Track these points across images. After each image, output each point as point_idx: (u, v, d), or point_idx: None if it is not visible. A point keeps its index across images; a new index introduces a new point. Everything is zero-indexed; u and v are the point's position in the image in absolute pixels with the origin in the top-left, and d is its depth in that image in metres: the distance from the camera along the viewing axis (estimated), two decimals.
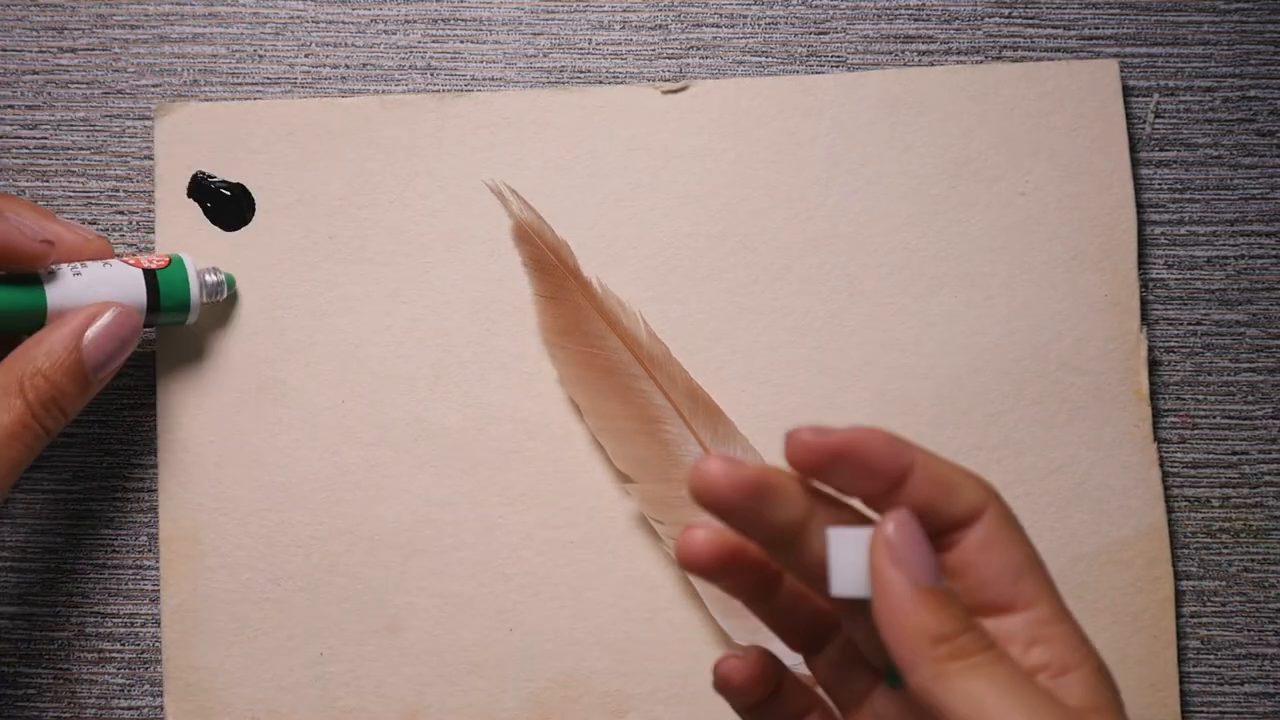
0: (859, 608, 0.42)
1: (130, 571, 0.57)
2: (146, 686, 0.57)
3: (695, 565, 0.46)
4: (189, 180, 0.57)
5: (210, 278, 0.55)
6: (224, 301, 0.57)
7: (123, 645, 0.57)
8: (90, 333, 0.51)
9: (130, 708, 0.57)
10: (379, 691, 0.55)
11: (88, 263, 0.53)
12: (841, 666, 0.48)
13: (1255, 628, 0.57)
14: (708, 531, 0.45)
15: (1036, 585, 0.42)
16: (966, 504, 0.42)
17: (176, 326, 0.56)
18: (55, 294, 0.51)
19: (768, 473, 0.42)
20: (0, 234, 0.50)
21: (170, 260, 0.54)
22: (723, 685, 0.46)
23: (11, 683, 0.57)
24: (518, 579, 0.56)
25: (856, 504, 0.43)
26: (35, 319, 0.51)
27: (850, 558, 0.41)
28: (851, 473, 0.42)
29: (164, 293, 0.54)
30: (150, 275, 0.53)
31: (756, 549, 0.45)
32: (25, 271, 0.52)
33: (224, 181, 0.57)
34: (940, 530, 0.42)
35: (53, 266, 0.52)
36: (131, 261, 0.53)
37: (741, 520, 0.43)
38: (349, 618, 0.56)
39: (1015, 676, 0.40)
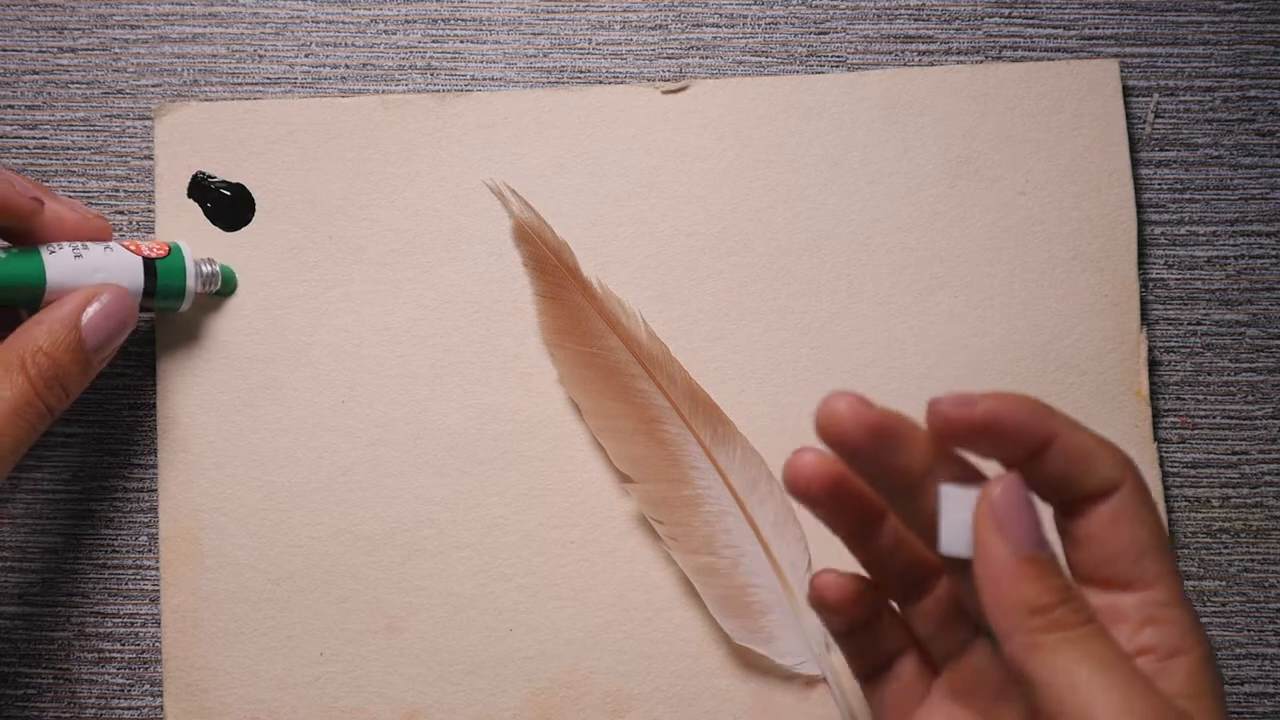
0: (966, 567, 0.42)
1: (130, 571, 0.57)
2: (146, 686, 0.57)
3: (801, 488, 0.46)
4: (189, 181, 0.57)
5: (206, 268, 0.56)
6: (226, 297, 0.57)
7: (123, 645, 0.57)
8: (88, 313, 0.51)
9: (130, 708, 0.57)
10: (379, 691, 0.55)
11: (90, 245, 0.52)
12: (941, 619, 0.48)
13: (1255, 628, 0.56)
14: (816, 455, 0.45)
15: (1158, 567, 0.42)
16: (1103, 478, 0.42)
17: (174, 318, 0.56)
18: (55, 272, 0.51)
19: (894, 418, 0.42)
20: None
21: (170, 249, 0.54)
22: (818, 600, 0.47)
23: (11, 683, 0.57)
24: (517, 579, 0.56)
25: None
26: (34, 294, 0.51)
27: (959, 517, 0.42)
28: (991, 443, 0.42)
29: (161, 281, 0.54)
30: (149, 264, 0.53)
31: (863, 484, 0.46)
32: (15, 228, 0.52)
33: (224, 182, 0.57)
34: (1073, 501, 0.43)
35: (55, 247, 0.52)
36: (131, 247, 0.53)
37: (862, 462, 0.43)
38: (349, 618, 0.56)
39: (1111, 653, 0.40)
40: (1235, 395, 0.57)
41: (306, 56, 0.59)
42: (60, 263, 0.51)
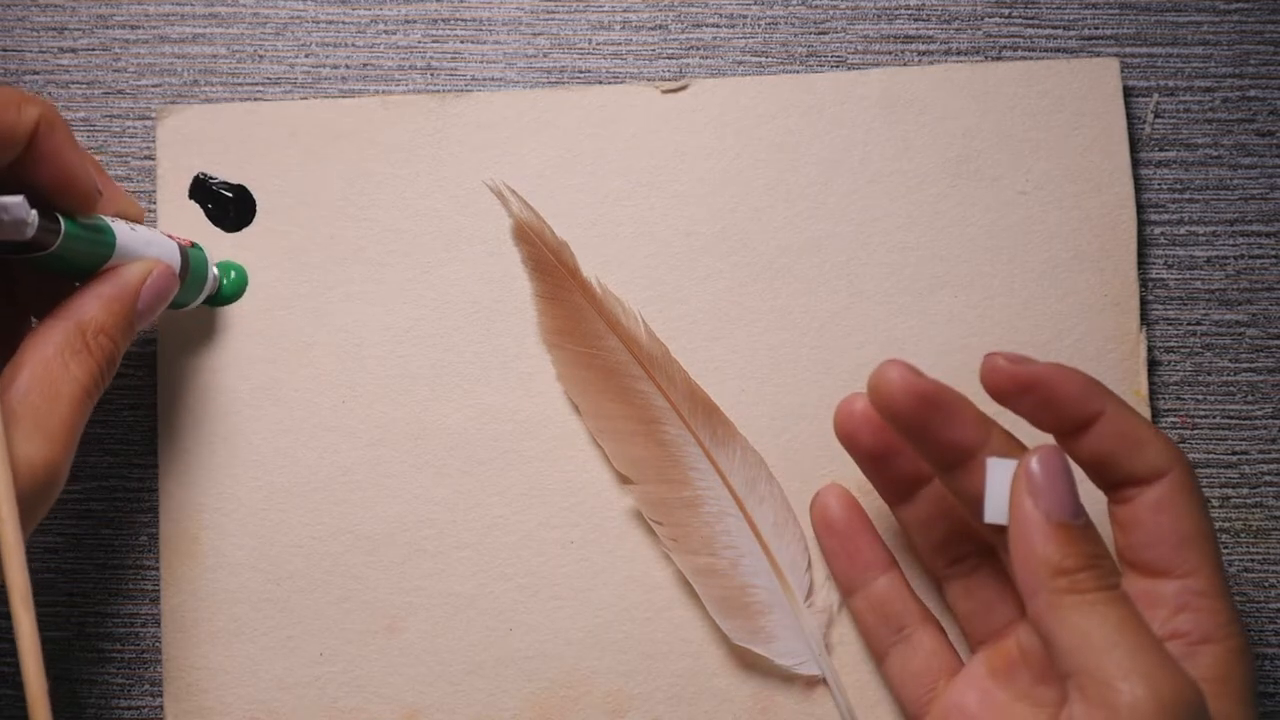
0: (1007, 535, 0.44)
1: (130, 571, 0.57)
2: (146, 686, 0.57)
3: (849, 432, 0.50)
4: (190, 182, 0.57)
5: (214, 270, 0.55)
6: (233, 301, 0.57)
7: (123, 645, 0.57)
8: (144, 288, 0.49)
9: (130, 708, 0.57)
10: (379, 692, 0.55)
11: (135, 226, 0.51)
12: (982, 597, 0.49)
13: (1255, 628, 0.56)
14: (867, 402, 0.47)
15: (1200, 557, 0.44)
16: (1149, 464, 0.44)
17: (176, 319, 0.56)
18: (122, 239, 0.49)
19: (944, 390, 0.44)
20: (76, 164, 0.47)
21: (193, 243, 0.54)
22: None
23: (11, 683, 0.57)
24: (517, 579, 0.56)
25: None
26: (99, 260, 0.49)
27: (1002, 488, 0.43)
28: (1038, 406, 0.44)
29: (191, 272, 0.53)
30: (183, 251, 0.53)
31: (906, 447, 0.48)
32: (66, 209, 0.47)
33: (225, 183, 0.57)
34: (1119, 483, 0.44)
35: (110, 218, 0.50)
36: (165, 234, 0.53)
37: (912, 431, 0.45)
38: (349, 618, 0.56)
39: (1127, 619, 0.41)
40: (1235, 395, 0.57)
41: (306, 56, 0.59)
42: (122, 232, 0.49)
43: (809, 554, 0.55)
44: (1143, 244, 0.58)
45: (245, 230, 0.57)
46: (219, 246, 0.57)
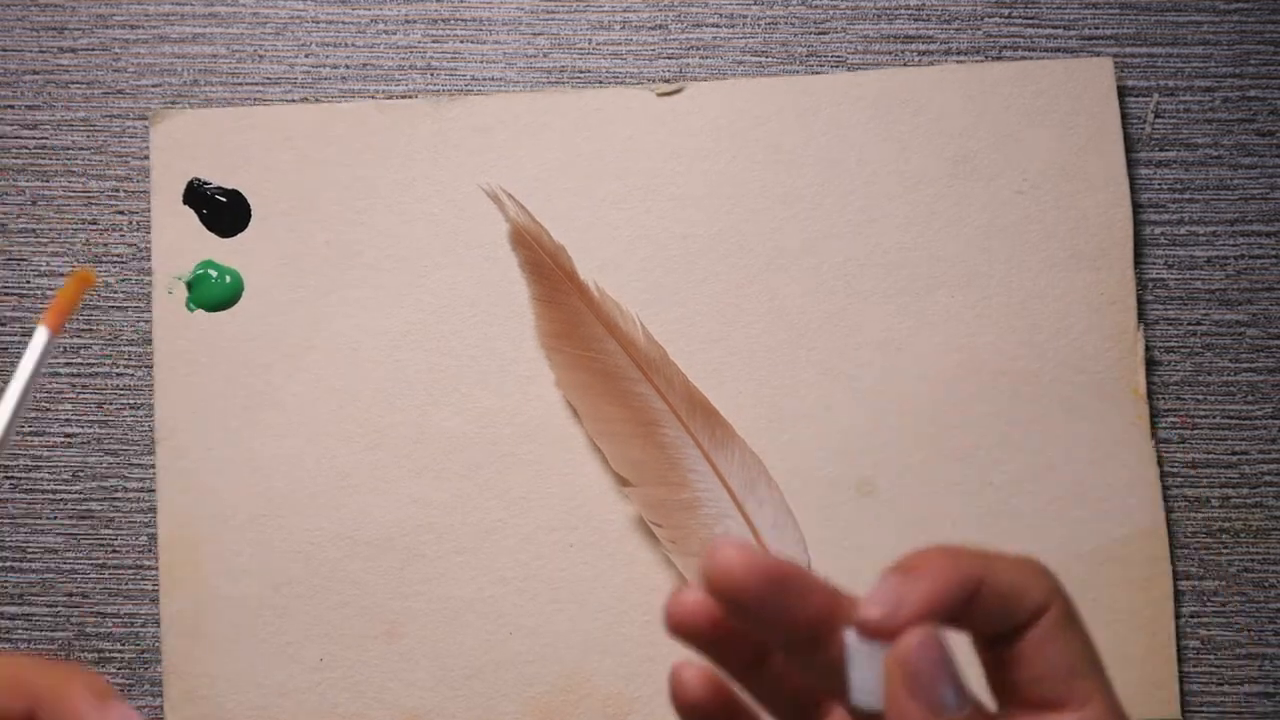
0: (878, 717, 0.42)
1: (130, 571, 0.57)
2: (146, 687, 0.57)
3: (687, 628, 0.43)
4: (184, 187, 0.57)
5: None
6: (229, 304, 0.57)
7: (123, 645, 0.57)
8: None
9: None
10: (379, 697, 0.55)
11: None
12: None
13: (1255, 628, 0.57)
14: (697, 593, 0.40)
15: (1091, 685, 0.42)
16: (1032, 605, 0.41)
17: (172, 325, 0.56)
18: None
19: (789, 565, 0.40)
20: None
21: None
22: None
23: None
24: (516, 582, 0.56)
25: None
26: None
27: (870, 669, 0.40)
28: (962, 625, 0.41)
29: None
30: None
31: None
32: None
33: (219, 188, 0.57)
34: (1005, 633, 0.42)
35: None
36: None
37: (758, 614, 0.40)
38: (348, 623, 0.56)
39: None
40: (1235, 395, 0.57)
41: (306, 57, 0.59)
42: None
43: (808, 555, 0.55)
44: (1143, 244, 0.58)
45: (240, 235, 0.57)
46: (214, 252, 0.57)
